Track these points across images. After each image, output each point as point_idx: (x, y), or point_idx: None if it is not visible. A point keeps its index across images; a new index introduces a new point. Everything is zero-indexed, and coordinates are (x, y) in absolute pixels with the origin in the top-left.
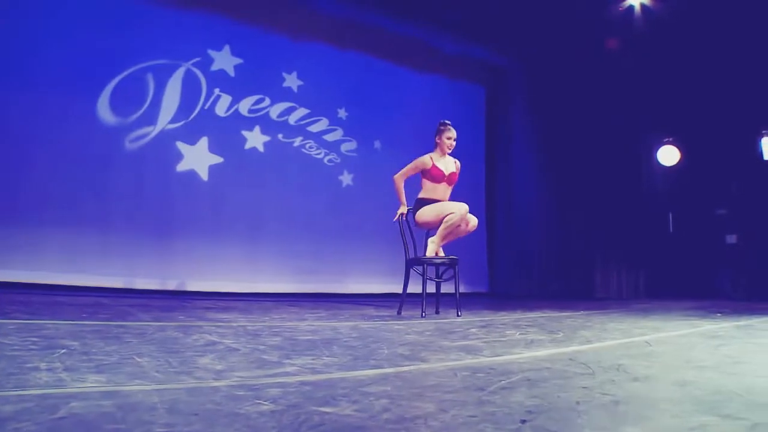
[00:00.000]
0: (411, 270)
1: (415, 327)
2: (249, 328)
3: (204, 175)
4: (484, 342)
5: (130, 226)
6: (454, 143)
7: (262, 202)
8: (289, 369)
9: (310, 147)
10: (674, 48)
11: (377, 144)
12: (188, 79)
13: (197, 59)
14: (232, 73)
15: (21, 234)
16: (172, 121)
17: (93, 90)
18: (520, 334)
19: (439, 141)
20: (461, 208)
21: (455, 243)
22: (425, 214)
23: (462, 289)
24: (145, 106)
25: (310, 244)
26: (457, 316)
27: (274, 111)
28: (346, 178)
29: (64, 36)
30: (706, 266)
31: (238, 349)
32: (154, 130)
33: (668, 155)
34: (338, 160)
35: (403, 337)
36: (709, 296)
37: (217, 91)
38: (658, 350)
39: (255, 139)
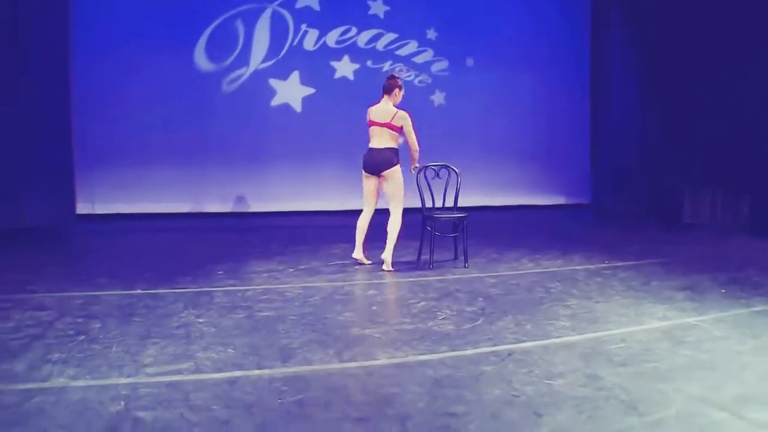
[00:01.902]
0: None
1: (387, 291)
2: (245, 294)
3: (297, 106)
4: (388, 332)
5: (230, 160)
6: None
7: (354, 127)
8: (184, 366)
9: (400, 70)
10: None
11: (470, 61)
12: (276, 20)
13: None
14: (317, 8)
15: (136, 171)
16: (263, 61)
17: (188, 42)
18: (442, 318)
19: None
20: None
21: (558, 153)
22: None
23: (562, 200)
24: (238, 50)
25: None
26: (465, 266)
27: (362, 39)
28: (438, 98)
29: None
30: None
31: (189, 336)
32: (247, 71)
33: None
34: (429, 81)
35: (341, 315)
36: None
37: (304, 26)
38: (477, 371)
39: (344, 68)
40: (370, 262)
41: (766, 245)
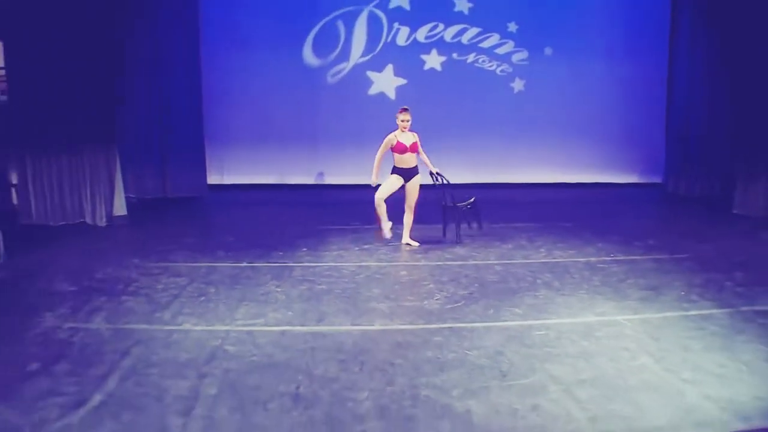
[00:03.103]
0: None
1: (413, 273)
2: (314, 270)
3: (391, 95)
4: (393, 307)
5: (334, 140)
6: (406, 123)
7: (442, 112)
8: (258, 321)
9: (483, 61)
10: None
11: (548, 50)
12: (372, 20)
13: (377, 1)
14: (408, 8)
15: (255, 149)
16: (362, 56)
17: (297, 41)
18: (436, 299)
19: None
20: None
21: (633, 134)
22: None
23: (635, 179)
24: (339, 47)
25: (483, 142)
26: (480, 229)
27: (448, 34)
28: (518, 85)
29: (270, 1)
30: None
31: (267, 301)
32: (348, 65)
33: None
34: (510, 70)
35: (371, 291)
36: None
37: (396, 25)
38: (427, 340)
39: (433, 60)
40: (418, 244)
41: None
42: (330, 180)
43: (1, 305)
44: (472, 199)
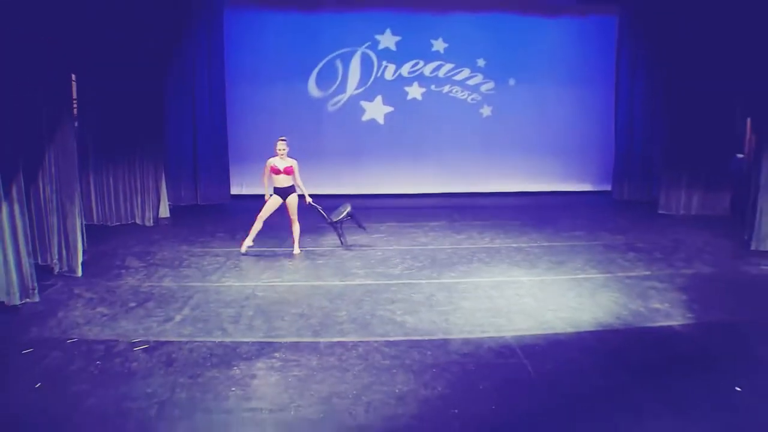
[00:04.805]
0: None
1: (392, 254)
2: (314, 252)
3: (381, 120)
4: (368, 272)
5: (334, 158)
6: (282, 151)
7: (423, 133)
8: (277, 279)
9: (456, 91)
10: None
11: (512, 81)
12: (364, 59)
13: (368, 43)
14: (394, 48)
15: (262, 166)
16: (356, 88)
17: (304, 76)
18: (399, 267)
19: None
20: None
21: (585, 149)
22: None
23: (589, 187)
24: (338, 81)
25: (457, 159)
26: (364, 230)
27: (427, 69)
28: (486, 111)
29: (281, 45)
30: None
31: (283, 269)
32: (345, 97)
33: None
34: (479, 98)
35: (354, 263)
36: None
37: (384, 62)
38: (385, 289)
39: (414, 91)
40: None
41: (700, 237)
42: (330, 191)
43: (95, 274)
44: (348, 209)
